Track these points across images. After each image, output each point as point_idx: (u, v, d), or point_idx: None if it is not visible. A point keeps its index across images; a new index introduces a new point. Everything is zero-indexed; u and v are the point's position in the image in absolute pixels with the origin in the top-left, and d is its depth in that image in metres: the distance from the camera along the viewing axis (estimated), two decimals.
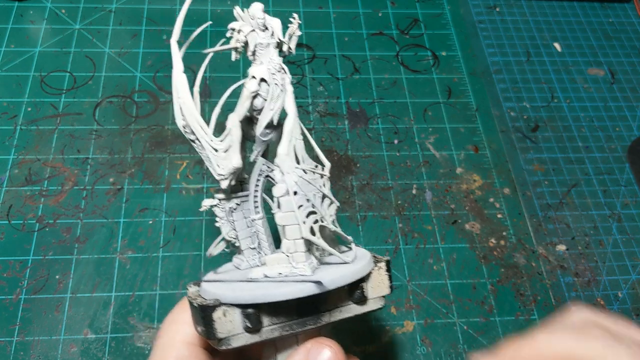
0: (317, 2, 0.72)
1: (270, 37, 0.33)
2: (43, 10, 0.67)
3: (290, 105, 0.33)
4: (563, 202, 0.58)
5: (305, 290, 0.30)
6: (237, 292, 0.30)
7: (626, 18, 0.75)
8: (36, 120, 0.58)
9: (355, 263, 0.33)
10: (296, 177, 0.31)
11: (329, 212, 0.33)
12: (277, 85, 0.32)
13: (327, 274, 0.31)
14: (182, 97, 0.33)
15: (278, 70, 0.32)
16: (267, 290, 0.30)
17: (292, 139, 0.32)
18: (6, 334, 0.46)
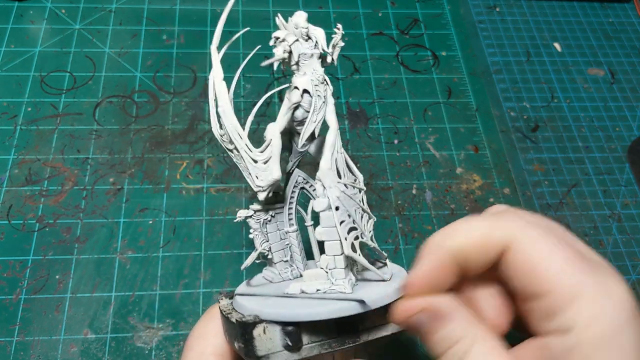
0: (317, 2, 0.72)
1: (313, 48, 0.32)
2: (43, 10, 0.67)
3: (331, 117, 0.32)
4: (563, 202, 0.58)
5: (349, 309, 0.29)
6: (277, 309, 0.29)
7: (626, 18, 0.75)
8: (36, 120, 0.58)
9: (393, 280, 0.32)
10: (338, 192, 0.31)
11: (367, 228, 0.32)
12: (320, 97, 0.32)
13: (367, 292, 0.30)
14: (223, 105, 0.32)
15: (321, 82, 0.32)
16: (309, 309, 0.29)
17: (334, 153, 0.31)
18: (6, 334, 0.46)
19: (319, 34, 0.32)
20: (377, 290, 0.31)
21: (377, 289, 0.31)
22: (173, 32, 0.67)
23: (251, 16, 0.69)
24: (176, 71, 0.63)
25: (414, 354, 0.47)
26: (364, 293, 0.30)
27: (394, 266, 0.35)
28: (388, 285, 0.32)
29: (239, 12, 0.69)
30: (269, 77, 0.64)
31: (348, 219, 0.31)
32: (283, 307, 0.30)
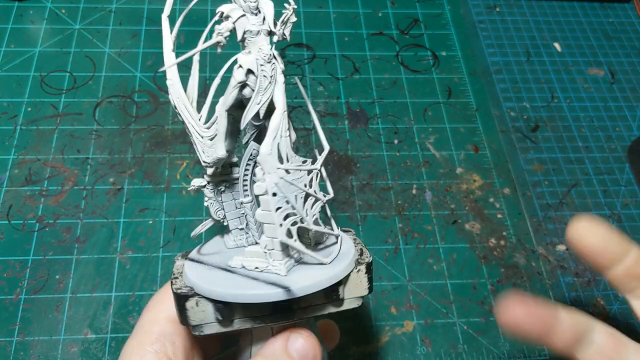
0: (317, 2, 0.72)
1: (261, 24, 0.30)
2: (43, 10, 0.67)
3: (279, 98, 0.31)
4: (563, 202, 0.58)
5: (275, 295, 0.30)
6: (211, 285, 0.31)
7: (626, 18, 0.75)
8: (36, 120, 0.58)
9: (334, 265, 0.32)
10: (277, 178, 0.30)
11: (312, 212, 0.32)
12: (266, 77, 0.30)
13: (301, 277, 0.31)
14: (171, 77, 0.32)
15: (267, 60, 0.30)
16: (240, 290, 0.30)
17: (276, 137, 0.30)
18: (6, 334, 0.46)
19: (267, 9, 0.30)
20: (312, 274, 0.31)
21: (311, 274, 0.31)
22: None
23: None
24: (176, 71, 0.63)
25: (414, 353, 0.47)
26: (297, 278, 0.31)
27: (346, 244, 0.35)
28: (324, 270, 0.32)
29: None
30: None
31: (286, 205, 0.31)
32: (218, 284, 0.31)
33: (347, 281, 0.32)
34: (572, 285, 0.52)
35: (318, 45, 0.67)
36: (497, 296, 0.51)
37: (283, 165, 0.30)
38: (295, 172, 0.31)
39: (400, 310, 0.50)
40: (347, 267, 0.32)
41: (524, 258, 0.54)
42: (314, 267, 0.32)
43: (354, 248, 0.34)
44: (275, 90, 0.31)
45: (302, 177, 0.31)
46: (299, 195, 0.31)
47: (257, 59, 0.30)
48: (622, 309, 0.51)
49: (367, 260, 0.33)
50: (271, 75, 0.30)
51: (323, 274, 0.31)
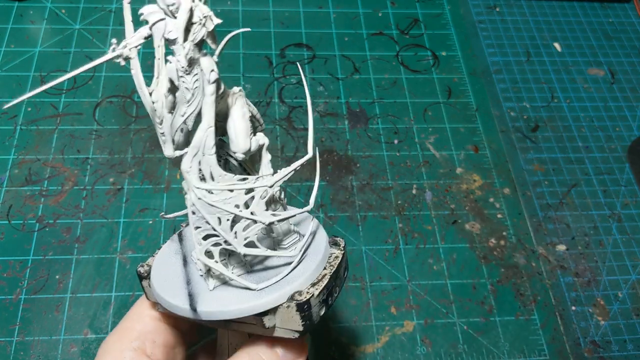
0: (317, 2, 0.72)
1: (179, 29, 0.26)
2: (43, 10, 0.67)
3: (205, 112, 0.27)
4: (563, 202, 0.58)
5: (184, 312, 0.30)
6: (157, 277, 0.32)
7: (626, 18, 0.75)
8: (36, 120, 0.58)
9: (261, 293, 0.30)
10: (194, 197, 0.28)
11: (244, 234, 0.29)
12: (188, 90, 0.27)
13: (219, 298, 0.30)
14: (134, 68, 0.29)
15: (186, 72, 0.27)
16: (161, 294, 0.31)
17: (197, 154, 0.28)
18: (6, 334, 0.46)
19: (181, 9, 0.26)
20: (229, 299, 0.30)
21: (228, 299, 0.30)
22: None
23: (251, 16, 0.69)
24: None
25: (414, 353, 0.47)
26: (215, 298, 0.30)
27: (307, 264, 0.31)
28: (245, 298, 0.30)
29: (238, 12, 0.69)
30: (269, 77, 0.64)
31: (205, 226, 0.29)
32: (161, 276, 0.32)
33: (275, 313, 0.30)
34: (572, 285, 0.52)
35: (318, 45, 0.67)
36: (497, 296, 0.51)
37: (204, 185, 0.28)
38: (223, 192, 0.28)
39: (400, 310, 0.50)
40: (273, 301, 0.29)
41: (524, 258, 0.54)
42: (241, 290, 0.30)
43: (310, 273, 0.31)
44: (203, 102, 0.27)
45: (233, 198, 0.29)
46: (224, 217, 0.29)
47: (176, 69, 0.27)
48: (622, 308, 0.51)
49: (304, 297, 0.29)
50: (194, 87, 0.27)
51: (240, 302, 0.29)
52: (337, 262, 0.32)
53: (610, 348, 0.49)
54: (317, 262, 0.31)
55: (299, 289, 0.30)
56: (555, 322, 0.50)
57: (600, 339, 0.49)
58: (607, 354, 0.49)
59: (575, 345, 0.49)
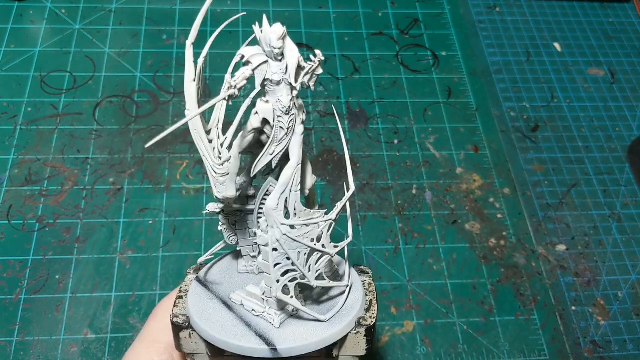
0: (317, 2, 0.72)
1: (283, 73, 0.28)
2: (43, 10, 0.67)
3: (294, 150, 0.29)
4: (563, 202, 0.58)
5: (259, 353, 0.30)
6: (206, 324, 0.31)
7: (626, 18, 0.75)
8: (36, 120, 0.58)
9: (331, 323, 0.31)
10: (279, 234, 0.29)
11: (316, 267, 0.31)
12: (282, 129, 0.28)
13: (292, 334, 0.31)
14: (190, 109, 0.30)
15: (285, 112, 0.28)
16: (227, 339, 0.30)
17: (285, 191, 0.29)
18: (6, 334, 0.46)
19: (291, 57, 0.27)
20: (304, 333, 0.31)
21: (303, 333, 0.31)
22: (173, 32, 0.67)
23: (251, 16, 0.69)
24: (176, 71, 0.63)
25: (414, 353, 0.47)
26: (288, 334, 0.31)
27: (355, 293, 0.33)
28: (319, 330, 0.31)
29: (238, 12, 0.69)
30: None
31: (286, 262, 0.30)
32: (212, 324, 0.31)
33: (343, 341, 0.31)
34: (572, 285, 0.52)
35: (318, 45, 0.67)
36: (497, 296, 0.51)
37: (288, 221, 0.29)
38: (302, 227, 0.30)
39: (400, 310, 0.50)
40: (344, 329, 0.31)
41: (524, 258, 0.54)
42: (309, 326, 0.31)
43: (362, 300, 0.33)
44: (292, 141, 0.29)
45: (309, 232, 0.30)
46: (302, 252, 0.30)
47: (274, 109, 0.28)
48: (622, 308, 0.51)
49: (369, 322, 0.32)
50: (288, 127, 0.28)
51: (316, 334, 0.30)
52: (373, 288, 0.34)
53: (610, 348, 0.49)
54: (360, 290, 0.33)
55: (361, 315, 0.32)
56: (555, 322, 0.50)
57: (600, 339, 0.49)
58: (607, 354, 0.49)
59: (575, 345, 0.49)
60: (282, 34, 0.27)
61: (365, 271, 0.36)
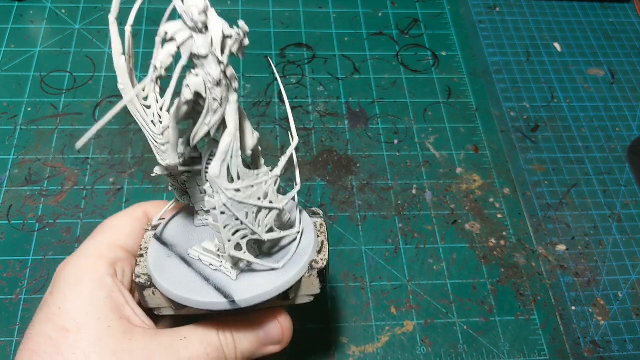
0: (317, 2, 0.72)
1: (210, 45, 0.27)
2: (43, 10, 0.67)
3: (230, 118, 0.29)
4: (563, 202, 0.58)
5: (219, 305, 0.31)
6: (167, 283, 0.32)
7: (626, 18, 0.75)
8: (36, 120, 0.58)
9: (286, 270, 0.33)
10: (225, 198, 0.30)
11: (265, 222, 0.32)
12: (216, 100, 0.28)
13: (249, 284, 0.32)
14: (122, 82, 0.30)
15: (216, 84, 0.27)
16: (188, 295, 0.32)
17: (226, 158, 0.29)
18: (6, 334, 0.46)
19: (215, 29, 0.26)
20: (261, 282, 0.32)
21: (260, 282, 0.32)
22: None
23: (251, 16, 0.69)
24: None
25: (414, 353, 0.47)
26: (245, 285, 0.32)
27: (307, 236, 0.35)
28: (274, 277, 0.33)
29: (238, 11, 0.69)
30: (269, 77, 0.64)
31: (235, 222, 0.31)
32: (172, 281, 0.33)
33: (298, 284, 0.33)
34: (572, 285, 0.52)
35: (318, 45, 0.67)
36: (497, 296, 0.51)
37: (232, 185, 0.30)
38: (247, 188, 0.30)
39: (400, 310, 0.50)
40: (298, 274, 0.33)
41: (524, 258, 0.54)
42: (264, 275, 0.33)
43: (314, 243, 0.35)
44: (227, 110, 0.29)
45: (255, 191, 0.31)
46: (250, 211, 0.31)
47: (205, 81, 0.28)
48: (622, 308, 0.51)
49: (321, 264, 0.34)
50: (221, 97, 0.28)
51: (271, 282, 0.32)
52: (325, 229, 0.36)
53: (610, 348, 0.49)
54: (312, 233, 0.35)
55: (313, 258, 0.34)
56: (555, 322, 0.50)
57: (600, 339, 0.49)
58: (607, 354, 0.49)
59: (575, 345, 0.49)
60: (204, 6, 0.26)
61: (316, 212, 0.38)
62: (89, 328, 0.30)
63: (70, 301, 0.31)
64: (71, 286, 0.31)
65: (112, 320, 0.31)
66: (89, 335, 0.30)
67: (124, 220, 0.36)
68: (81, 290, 0.31)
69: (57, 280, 0.32)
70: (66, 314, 0.30)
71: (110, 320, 0.30)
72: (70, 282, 0.32)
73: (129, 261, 0.35)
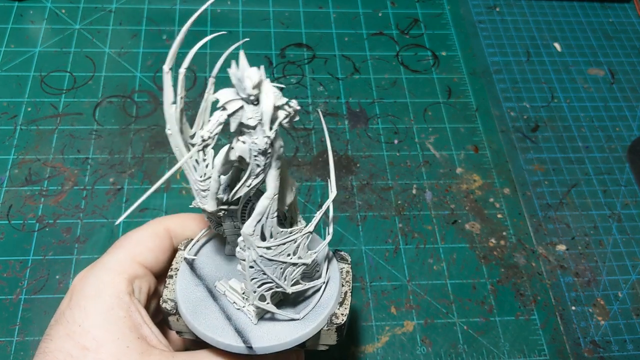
0: (317, 2, 0.72)
1: (259, 118, 0.27)
2: (43, 10, 0.67)
3: (271, 182, 0.29)
4: (563, 202, 0.58)
5: (236, 349, 0.32)
6: (191, 315, 0.33)
7: (626, 18, 0.75)
8: (36, 120, 0.58)
9: (306, 321, 0.33)
10: (256, 255, 0.31)
11: (291, 277, 0.33)
12: (259, 166, 0.29)
13: (268, 333, 0.33)
14: (170, 127, 0.31)
15: (261, 153, 0.28)
16: (209, 333, 0.33)
17: (261, 220, 0.30)
18: (6, 334, 0.46)
19: (266, 104, 0.26)
20: (279, 332, 0.33)
21: (279, 332, 0.33)
22: (173, 32, 0.67)
23: (251, 16, 0.69)
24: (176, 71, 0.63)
25: (414, 353, 0.47)
26: (264, 333, 0.33)
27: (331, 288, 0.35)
28: (293, 328, 0.33)
29: (238, 12, 0.69)
30: (269, 77, 0.63)
31: (261, 276, 0.32)
32: (196, 316, 0.33)
33: (317, 336, 0.34)
34: (572, 285, 0.52)
35: (318, 45, 0.67)
36: (497, 296, 0.51)
37: (264, 244, 0.31)
38: (279, 246, 0.31)
39: (400, 310, 0.50)
40: (317, 327, 0.33)
41: (524, 258, 0.54)
42: (284, 324, 0.33)
43: (337, 294, 0.35)
44: (268, 174, 0.29)
45: (286, 249, 0.32)
46: (278, 268, 0.32)
47: (250, 149, 0.28)
48: (622, 308, 0.51)
49: (340, 320, 0.34)
50: (265, 163, 0.28)
51: (290, 333, 0.33)
52: (350, 277, 0.36)
53: (610, 348, 0.49)
54: (337, 282, 0.35)
55: (334, 311, 0.34)
56: (555, 322, 0.50)
57: (600, 339, 0.49)
58: (607, 354, 0.49)
59: (575, 345, 0.49)
60: (258, 81, 0.26)
61: (344, 258, 0.38)
62: (109, 347, 0.30)
63: (91, 318, 0.31)
64: (91, 302, 0.31)
65: (131, 340, 0.31)
66: (108, 354, 0.30)
67: (145, 236, 0.36)
68: (101, 307, 0.31)
69: (76, 293, 0.32)
70: (87, 332, 0.30)
71: (129, 340, 0.31)
72: (90, 297, 0.32)
73: (147, 278, 0.35)
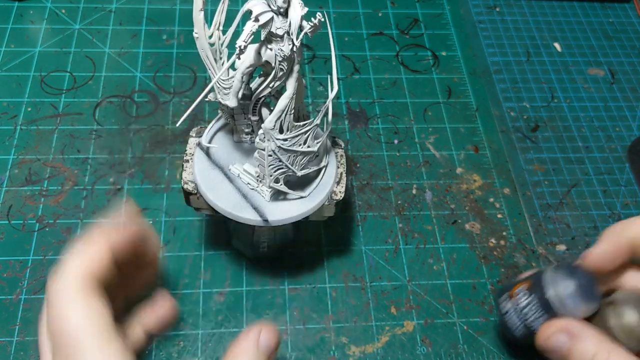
0: (317, 2, 0.72)
1: (287, 28, 0.32)
2: (43, 10, 0.67)
3: (290, 84, 0.34)
4: (563, 202, 0.58)
5: (254, 222, 0.39)
6: (211, 194, 0.39)
7: (626, 18, 0.75)
8: (36, 120, 0.58)
9: (311, 198, 0.40)
10: (274, 146, 0.36)
11: (301, 162, 0.38)
12: (282, 70, 0.34)
13: (279, 208, 0.39)
14: (197, 31, 0.36)
15: (285, 59, 0.33)
16: (230, 209, 0.39)
17: (281, 116, 0.35)
18: (6, 334, 0.46)
19: (294, 15, 0.31)
20: (289, 207, 0.40)
21: (288, 207, 0.40)
22: (173, 32, 0.67)
23: None
24: (176, 71, 0.63)
25: (414, 353, 0.47)
26: (276, 208, 0.39)
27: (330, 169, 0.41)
28: (300, 204, 0.40)
29: (238, 11, 0.69)
30: None
31: (278, 163, 0.37)
32: (216, 194, 0.39)
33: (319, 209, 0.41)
34: None
35: (318, 45, 0.67)
36: None
37: (282, 136, 0.36)
38: (293, 138, 0.36)
39: (400, 310, 0.50)
40: (320, 202, 0.40)
41: (524, 258, 0.54)
42: (293, 201, 0.40)
43: (335, 175, 0.41)
44: (290, 77, 0.34)
45: (299, 140, 0.37)
46: (291, 156, 0.37)
47: (276, 54, 0.32)
48: None
49: (339, 197, 0.41)
50: (287, 68, 0.33)
51: (298, 208, 0.40)
52: (344, 160, 0.43)
53: None
54: (334, 165, 0.42)
55: (333, 189, 0.41)
56: None
57: None
58: None
59: None
60: None
61: (338, 143, 0.44)
62: None
63: None
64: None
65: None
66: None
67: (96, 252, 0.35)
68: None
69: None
70: None
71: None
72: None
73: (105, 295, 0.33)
